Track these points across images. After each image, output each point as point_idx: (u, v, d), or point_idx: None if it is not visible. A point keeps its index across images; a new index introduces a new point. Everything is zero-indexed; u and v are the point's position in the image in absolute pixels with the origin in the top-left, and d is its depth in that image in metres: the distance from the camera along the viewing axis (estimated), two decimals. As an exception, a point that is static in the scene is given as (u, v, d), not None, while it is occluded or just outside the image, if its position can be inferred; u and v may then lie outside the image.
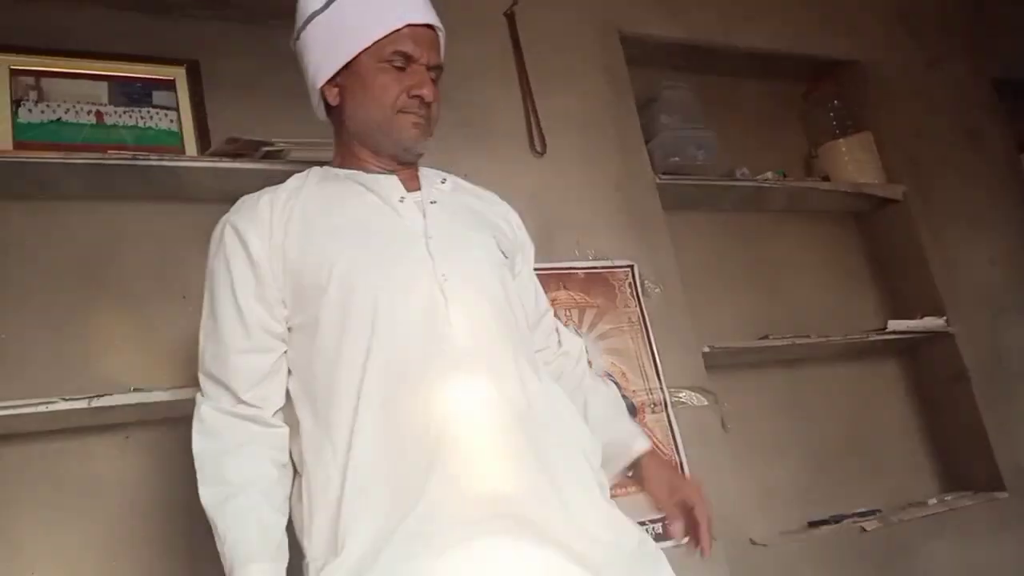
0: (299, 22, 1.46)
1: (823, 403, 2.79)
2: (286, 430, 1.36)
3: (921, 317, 2.79)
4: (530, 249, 1.61)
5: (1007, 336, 2.90)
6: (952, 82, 3.19)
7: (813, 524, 2.51)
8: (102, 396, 1.69)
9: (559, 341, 1.62)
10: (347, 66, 1.41)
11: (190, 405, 1.79)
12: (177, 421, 1.88)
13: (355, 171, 1.46)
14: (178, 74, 2.09)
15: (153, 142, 2.02)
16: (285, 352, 1.37)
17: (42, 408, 1.63)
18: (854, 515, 2.50)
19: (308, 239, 1.35)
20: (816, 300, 2.90)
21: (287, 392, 1.37)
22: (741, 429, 2.52)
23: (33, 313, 1.87)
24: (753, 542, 2.23)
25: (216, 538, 1.29)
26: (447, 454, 1.23)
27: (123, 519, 1.82)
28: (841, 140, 2.93)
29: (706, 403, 2.26)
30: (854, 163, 2.89)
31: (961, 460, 2.81)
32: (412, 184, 1.47)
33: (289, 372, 1.37)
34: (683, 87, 2.68)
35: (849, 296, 2.98)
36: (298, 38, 1.47)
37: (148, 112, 2.04)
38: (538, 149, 2.33)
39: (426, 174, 1.51)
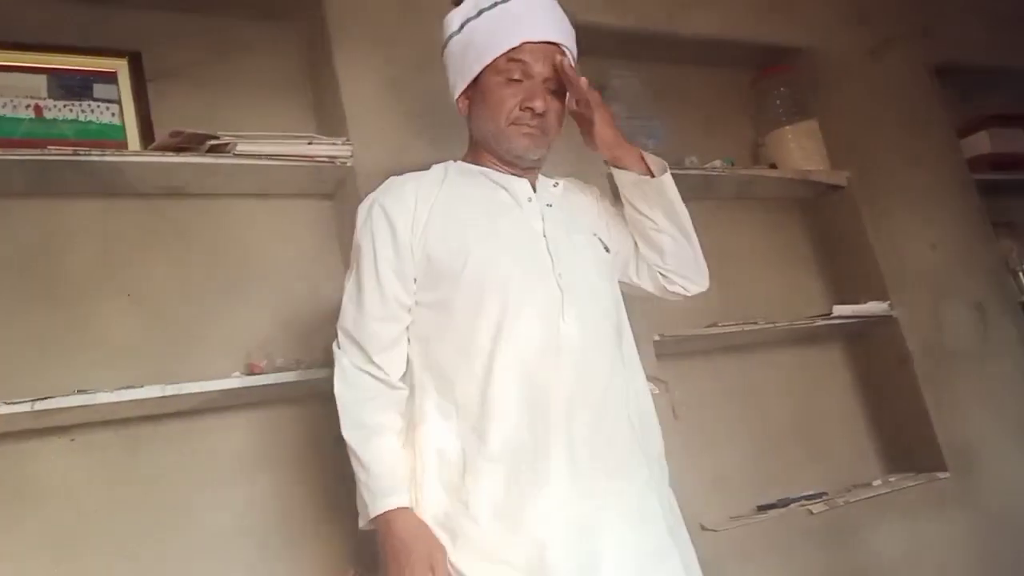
0: (443, 40, 1.66)
1: (771, 388, 2.83)
2: (406, 392, 1.54)
3: (865, 302, 2.83)
4: (615, 218, 1.79)
5: (948, 319, 2.97)
6: (895, 69, 3.24)
7: (762, 508, 2.55)
8: (45, 399, 1.65)
9: None
10: (474, 81, 1.60)
11: (135, 406, 1.78)
12: (123, 423, 1.87)
13: (488, 168, 1.64)
14: (120, 66, 2.05)
15: (95, 136, 1.97)
16: (409, 325, 1.56)
17: (-17, 413, 1.60)
18: (801, 498, 2.54)
19: (447, 226, 1.53)
20: (764, 286, 2.93)
21: (408, 359, 1.55)
22: (691, 416, 2.55)
23: (-29, 315, 1.82)
24: (704, 528, 2.27)
25: (358, 469, 1.48)
26: (557, 436, 1.45)
27: (69, 522, 1.80)
28: (787, 128, 2.96)
29: (656, 391, 2.27)
30: (800, 150, 2.93)
31: (904, 442, 2.88)
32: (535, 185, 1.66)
33: (409, 341, 1.55)
34: (632, 76, 2.68)
35: (796, 282, 3.02)
36: (443, 54, 1.67)
37: (89, 105, 1.99)
38: (488, 140, 2.32)
39: (541, 178, 1.69)
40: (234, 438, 1.98)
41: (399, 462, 1.49)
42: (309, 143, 2.04)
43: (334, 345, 1.58)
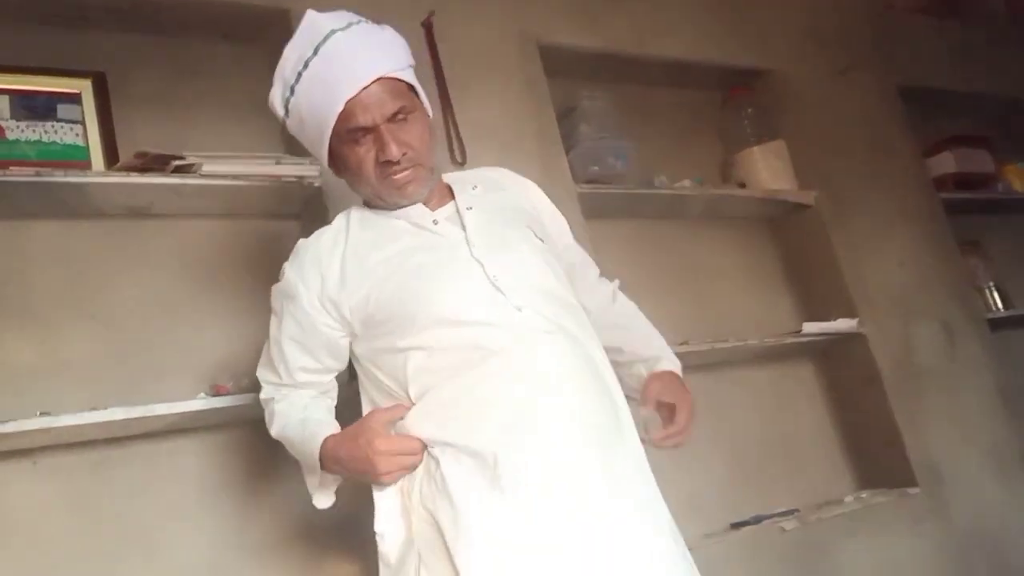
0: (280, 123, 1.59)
1: (742, 406, 2.84)
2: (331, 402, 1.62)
3: (835, 319, 2.86)
4: (558, 218, 1.75)
5: (916, 336, 3.00)
6: (860, 90, 3.29)
7: (735, 526, 2.55)
8: (7, 422, 1.62)
9: (612, 296, 1.82)
10: (330, 151, 1.53)
11: (99, 429, 1.76)
12: (88, 445, 1.84)
13: (384, 211, 1.58)
14: (84, 87, 2.03)
15: (58, 157, 1.95)
16: (331, 380, 1.61)
17: (-57, 436, 1.57)
18: (774, 515, 2.55)
19: (364, 274, 1.50)
20: (734, 304, 2.95)
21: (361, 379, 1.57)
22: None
23: (-69, 337, 1.80)
24: (677, 546, 2.26)
25: (293, 450, 1.53)
26: (534, 413, 1.38)
27: (33, 547, 1.76)
28: (756, 148, 2.99)
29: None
30: (768, 170, 2.96)
31: (875, 458, 2.90)
32: (444, 199, 1.60)
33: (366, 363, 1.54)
34: (601, 97, 2.71)
35: (766, 300, 3.05)
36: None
37: (52, 126, 1.97)
38: (458, 159, 2.32)
39: (457, 181, 1.64)
40: (199, 460, 1.96)
41: (314, 415, 1.54)
42: (276, 163, 2.03)
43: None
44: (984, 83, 3.70)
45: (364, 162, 1.50)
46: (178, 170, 1.93)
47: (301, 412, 1.55)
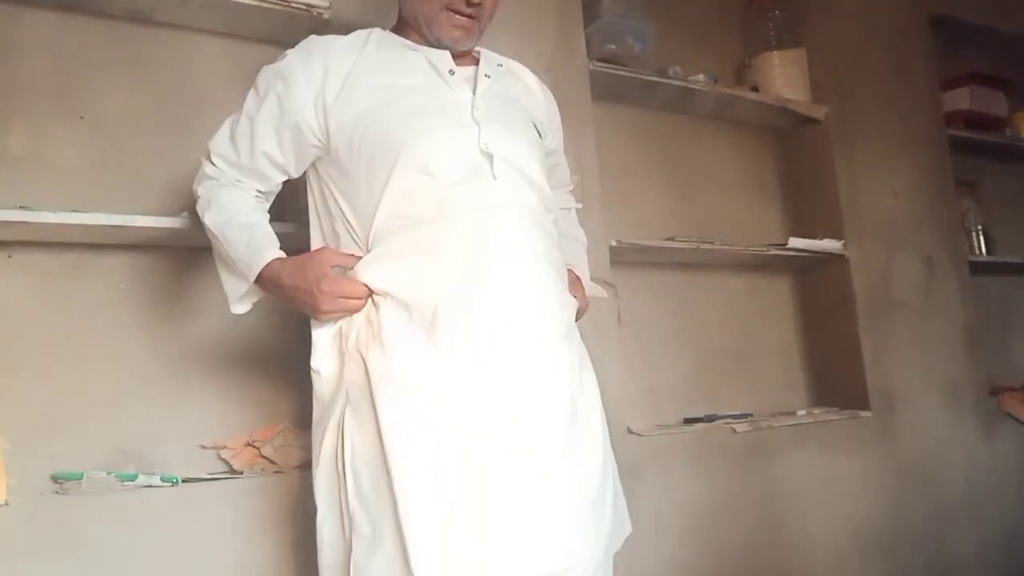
0: None
1: (715, 310, 2.87)
2: (264, 201, 1.59)
3: (821, 238, 2.86)
4: (558, 131, 1.78)
5: (896, 267, 3.02)
6: (890, 12, 3.20)
7: (688, 421, 2.62)
8: (-15, 211, 1.60)
9: (569, 210, 1.87)
10: None
11: (78, 231, 1.74)
12: (65, 247, 1.82)
13: (411, 42, 1.57)
14: None
15: (62, -56, 1.85)
16: (279, 184, 1.58)
17: (-81, 216, 1.55)
18: (728, 417, 2.61)
19: (363, 93, 1.47)
20: (724, 209, 2.95)
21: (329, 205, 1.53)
22: (635, 325, 2.59)
23: (-87, 114, 1.74)
24: (630, 431, 2.32)
25: (225, 249, 1.48)
26: (488, 272, 1.41)
27: (1, 332, 1.76)
28: (775, 53, 2.92)
29: (605, 295, 2.29)
30: (784, 78, 2.90)
31: (833, 378, 2.96)
32: (467, 60, 1.60)
33: (331, 185, 1.52)
34: (629, -27, 2.61)
35: (757, 209, 3.04)
36: None
37: (59, -90, 1.87)
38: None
39: (487, 55, 1.64)
40: (176, 279, 1.95)
41: (262, 227, 1.51)
42: (288, -13, 1.96)
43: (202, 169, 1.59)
44: (1018, 24, 3.61)
45: None
46: (185, -24, 1.86)
47: (247, 215, 1.52)
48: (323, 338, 1.49)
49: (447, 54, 1.55)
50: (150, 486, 1.71)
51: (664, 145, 2.86)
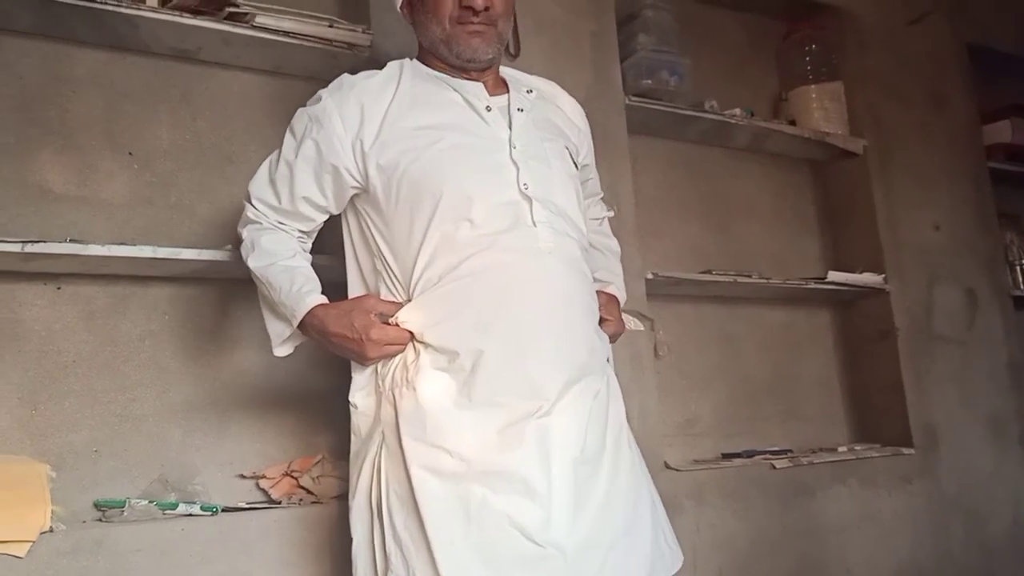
0: None
1: (753, 344, 2.85)
2: (307, 244, 1.61)
3: (860, 272, 2.84)
4: (589, 142, 1.77)
5: (938, 301, 2.98)
6: (929, 43, 3.19)
7: (727, 456, 2.59)
8: (36, 243, 1.64)
9: (600, 220, 1.87)
10: None
11: (125, 264, 1.78)
12: (112, 279, 1.87)
13: (443, 74, 1.57)
14: (145, -82, 1.98)
15: (113, -13, 1.91)
16: (320, 223, 1.59)
17: (-27, 247, 1.59)
18: (766, 452, 2.58)
19: (402, 135, 1.48)
20: (762, 242, 2.93)
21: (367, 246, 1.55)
22: (672, 358, 2.58)
23: (-30, 150, 1.80)
24: (667, 465, 2.30)
25: (269, 293, 1.51)
26: (525, 325, 1.42)
27: (46, 369, 1.80)
28: (812, 86, 2.92)
29: (642, 328, 2.29)
30: (821, 111, 2.90)
31: (875, 414, 2.91)
32: (499, 88, 1.60)
33: (370, 222, 1.53)
34: (665, 8, 2.63)
35: (794, 242, 3.02)
36: None
37: (111, -46, 1.93)
38: (512, 52, 2.27)
39: (514, 80, 1.63)
40: (216, 309, 1.98)
41: (304, 271, 1.52)
42: (330, 25, 2.01)
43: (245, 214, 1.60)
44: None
45: (445, 3, 1.51)
46: (230, 17, 1.91)
47: (289, 259, 1.53)
48: (360, 375, 1.52)
49: (481, 87, 1.55)
50: (190, 515, 1.73)
51: (700, 178, 2.87)
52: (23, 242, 1.63)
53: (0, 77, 1.84)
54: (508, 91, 1.59)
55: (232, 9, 1.89)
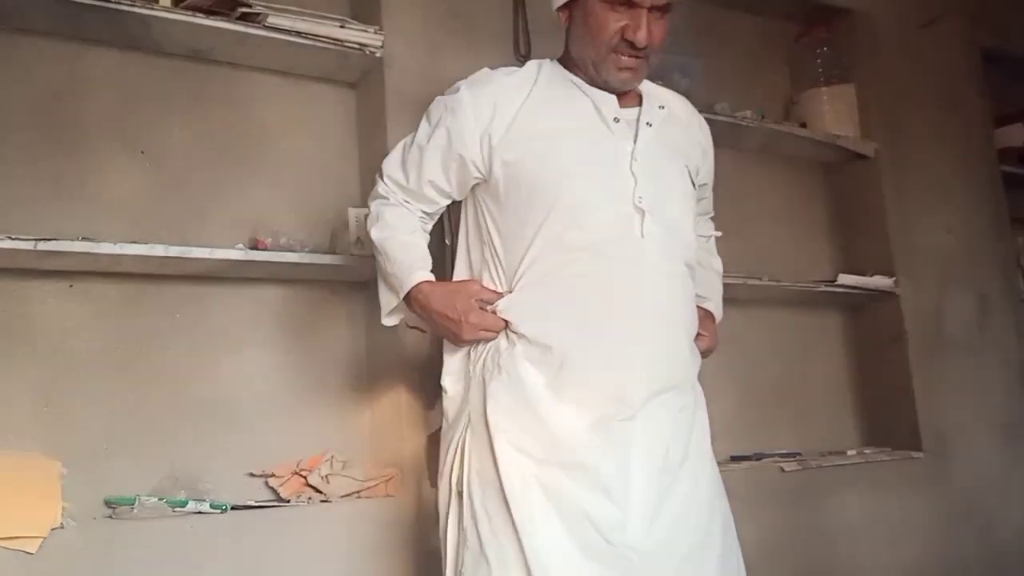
0: None
1: (763, 346, 2.84)
2: (428, 224, 1.66)
3: (871, 275, 2.83)
4: (711, 160, 1.77)
5: (949, 305, 2.97)
6: (942, 46, 3.18)
7: (735, 458, 2.59)
8: (49, 240, 1.65)
9: (708, 238, 1.89)
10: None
11: (138, 262, 1.79)
12: (123, 277, 1.88)
13: (580, 80, 1.58)
14: (160, -81, 1.99)
15: (127, -14, 1.93)
16: (443, 207, 1.65)
17: (-13, 244, 1.60)
18: (775, 455, 2.57)
19: (530, 135, 1.51)
20: (773, 244, 2.92)
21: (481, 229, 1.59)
22: (681, 360, 2.57)
23: (-15, 148, 1.82)
24: (676, 468, 2.29)
25: (384, 263, 1.58)
26: (620, 332, 1.46)
27: (57, 366, 1.81)
28: (824, 88, 2.91)
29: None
30: (833, 113, 2.89)
31: (885, 417, 2.90)
32: (632, 101, 1.61)
33: (486, 212, 1.57)
34: (676, 10, 2.62)
35: (805, 245, 3.01)
36: None
37: (125, -46, 1.94)
38: (522, 52, 2.28)
39: (649, 94, 1.64)
40: (230, 310, 1.99)
41: (419, 248, 1.59)
42: (341, 26, 2.01)
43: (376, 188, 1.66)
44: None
45: (608, 26, 1.50)
46: (243, 17, 1.92)
47: (409, 235, 1.60)
48: (452, 360, 1.58)
49: (613, 99, 1.56)
50: (200, 512, 1.74)
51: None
52: (36, 239, 1.64)
53: (16, 77, 1.86)
54: (640, 104, 1.61)
55: (244, 9, 1.91)
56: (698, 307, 1.68)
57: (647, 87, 1.66)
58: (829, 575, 2.49)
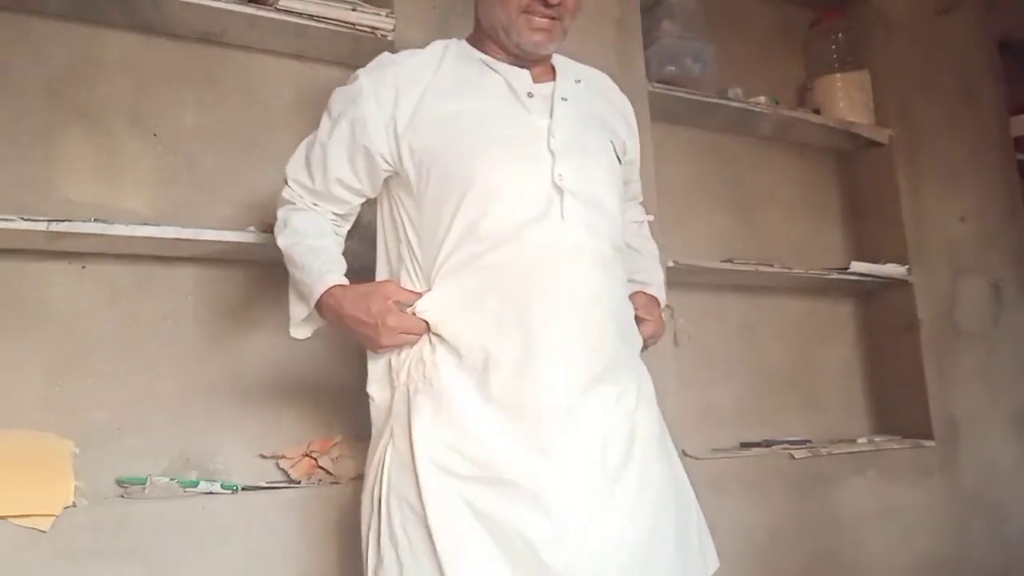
0: None
1: (774, 333, 2.84)
2: (341, 229, 1.59)
3: (884, 263, 2.81)
4: (637, 144, 1.70)
5: (963, 294, 2.95)
6: (957, 34, 3.15)
7: (745, 445, 2.59)
8: (61, 222, 1.66)
9: (640, 223, 1.82)
10: None
11: (149, 244, 1.80)
12: (135, 259, 1.89)
13: (489, 58, 1.52)
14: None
15: (140, -31, 1.93)
16: (357, 205, 1.57)
17: (0, 225, 1.61)
18: (785, 442, 2.57)
19: (437, 118, 1.44)
20: (785, 232, 2.92)
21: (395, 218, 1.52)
22: (691, 347, 2.57)
23: (-2, 129, 1.83)
24: (685, 454, 2.29)
25: (293, 271, 1.50)
26: (542, 325, 1.36)
27: (70, 347, 1.82)
28: (838, 75, 2.90)
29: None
30: (847, 100, 2.87)
31: (896, 406, 2.89)
32: (545, 76, 1.54)
33: (401, 207, 1.49)
34: (690, -5, 2.61)
35: (817, 232, 3.00)
36: None
37: (137, -63, 1.94)
38: (534, 37, 2.27)
39: (563, 68, 1.57)
40: (241, 293, 2.00)
41: (331, 251, 1.50)
42: (353, 9, 2.01)
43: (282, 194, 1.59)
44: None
45: None
46: (255, 0, 1.92)
47: (317, 238, 1.51)
48: (376, 368, 1.49)
49: (526, 74, 1.50)
50: (211, 493, 1.75)
51: (723, 167, 2.85)
52: (49, 220, 1.65)
53: (30, 59, 1.87)
54: (555, 79, 1.54)
55: (256, -9, 1.91)
56: (642, 292, 1.63)
57: (562, 62, 1.59)
58: (837, 562, 2.48)
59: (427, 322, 1.41)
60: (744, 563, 2.31)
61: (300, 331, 1.54)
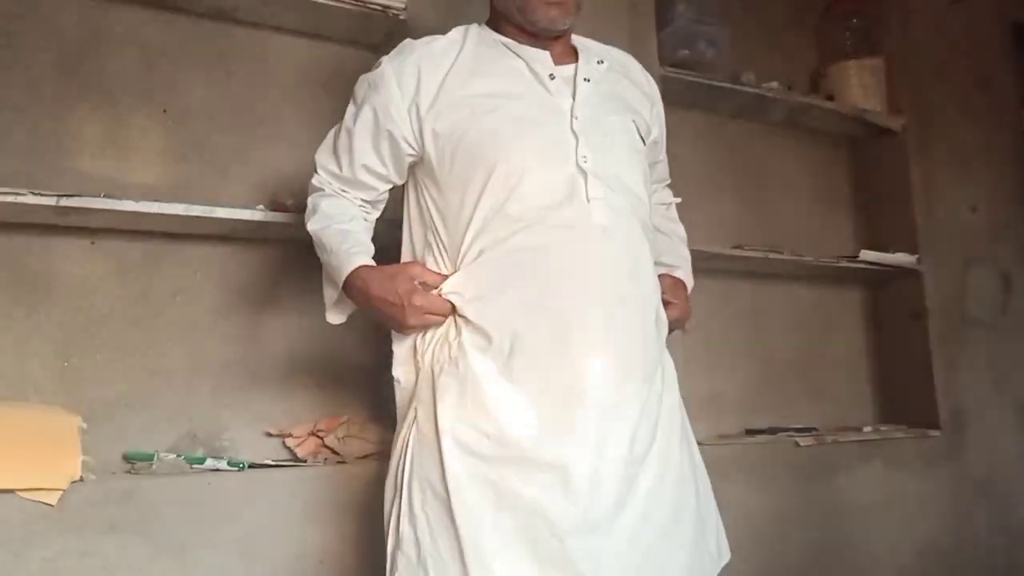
0: None
1: (782, 321, 2.83)
2: (372, 214, 1.59)
3: (894, 252, 2.80)
4: (662, 121, 1.69)
5: (972, 284, 2.94)
6: (972, 22, 3.13)
7: (751, 432, 2.59)
8: (71, 197, 1.66)
9: (668, 205, 1.83)
10: None
11: (159, 221, 1.80)
12: (145, 236, 1.89)
13: (510, 40, 1.51)
14: None
15: (151, -57, 1.92)
16: (385, 191, 1.56)
17: (10, 199, 1.61)
18: (791, 430, 2.57)
19: (460, 102, 1.44)
20: (795, 218, 2.91)
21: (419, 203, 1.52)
22: (699, 333, 2.54)
23: (9, 104, 1.82)
24: (691, 440, 2.30)
25: (323, 256, 1.50)
26: (568, 310, 1.35)
27: (79, 322, 1.82)
28: (852, 62, 2.88)
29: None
30: (860, 87, 2.85)
31: (903, 395, 2.89)
32: (567, 57, 1.54)
33: (426, 193, 1.49)
34: (704, -23, 2.59)
35: (828, 220, 2.99)
36: None
37: (149, -89, 1.93)
38: (546, 18, 2.25)
39: (585, 49, 1.57)
40: (250, 271, 1.99)
41: (360, 235, 1.50)
42: (365, -13, 2.00)
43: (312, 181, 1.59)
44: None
45: None
46: (270, -25, 1.91)
47: (345, 222, 1.51)
48: (401, 350, 1.49)
49: (547, 55, 1.49)
50: (217, 470, 1.76)
51: (735, 152, 2.84)
52: (58, 195, 1.64)
53: (40, 33, 1.86)
54: (577, 60, 1.53)
55: (269, -32, 1.89)
56: (668, 275, 1.62)
57: (582, 42, 1.59)
58: (841, 550, 2.49)
59: (452, 304, 1.41)
60: (748, 550, 2.31)
61: (334, 316, 1.54)
